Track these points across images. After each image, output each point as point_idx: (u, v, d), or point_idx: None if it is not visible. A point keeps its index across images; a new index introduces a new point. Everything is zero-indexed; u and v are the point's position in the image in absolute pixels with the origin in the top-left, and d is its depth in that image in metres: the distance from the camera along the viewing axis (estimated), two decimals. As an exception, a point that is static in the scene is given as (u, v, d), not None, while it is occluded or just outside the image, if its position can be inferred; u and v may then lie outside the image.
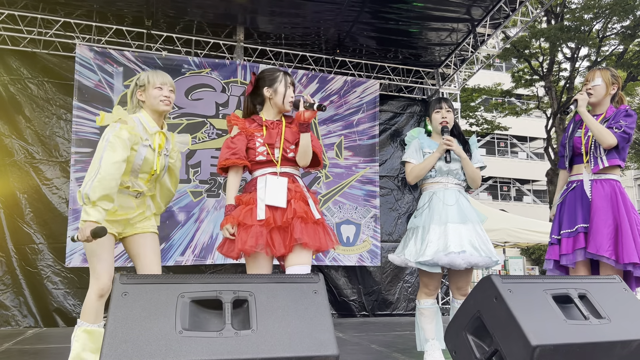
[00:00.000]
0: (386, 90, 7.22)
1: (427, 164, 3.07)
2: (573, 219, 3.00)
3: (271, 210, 2.53)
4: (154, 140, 2.65)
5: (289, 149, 2.68)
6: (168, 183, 2.82)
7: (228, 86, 6.15)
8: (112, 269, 2.53)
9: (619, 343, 1.89)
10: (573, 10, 14.42)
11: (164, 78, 2.71)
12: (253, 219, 2.50)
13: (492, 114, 19.49)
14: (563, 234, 3.01)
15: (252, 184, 2.65)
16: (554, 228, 3.12)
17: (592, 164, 3.00)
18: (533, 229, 10.17)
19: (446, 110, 3.16)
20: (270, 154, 2.64)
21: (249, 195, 2.60)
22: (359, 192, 6.54)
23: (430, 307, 3.04)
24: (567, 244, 2.98)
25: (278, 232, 2.53)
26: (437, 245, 2.88)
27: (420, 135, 3.28)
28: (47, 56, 5.80)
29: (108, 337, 1.47)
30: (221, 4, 5.78)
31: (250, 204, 2.56)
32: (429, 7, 5.80)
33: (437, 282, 3.06)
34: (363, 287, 6.61)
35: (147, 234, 2.69)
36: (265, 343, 1.57)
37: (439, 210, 2.99)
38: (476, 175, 3.10)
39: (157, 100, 2.65)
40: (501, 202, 27.21)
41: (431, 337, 3.01)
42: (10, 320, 5.25)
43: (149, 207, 2.74)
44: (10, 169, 5.49)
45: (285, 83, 2.74)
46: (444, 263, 2.85)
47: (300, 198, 2.60)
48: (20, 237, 5.43)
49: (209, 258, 5.78)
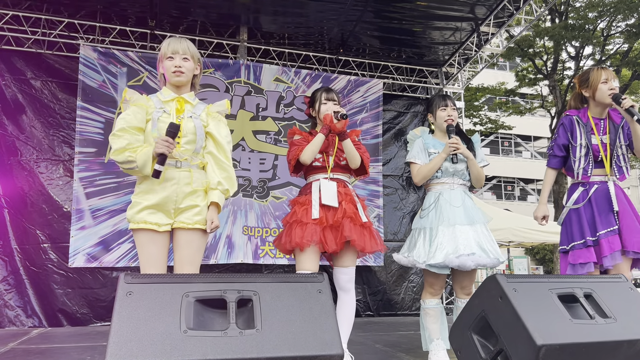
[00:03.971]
0: (390, 89, 7.21)
1: (434, 165, 3.05)
2: (607, 220, 2.91)
3: (324, 211, 2.84)
4: (170, 106, 2.51)
5: (342, 157, 3.00)
6: (216, 152, 2.55)
7: (231, 86, 6.15)
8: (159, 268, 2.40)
9: (625, 342, 1.88)
10: (577, 8, 14.37)
11: (176, 45, 2.50)
12: (308, 218, 2.81)
13: (496, 113, 19.45)
14: (601, 235, 2.88)
15: (307, 187, 2.98)
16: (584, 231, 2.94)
17: (617, 172, 2.98)
18: (537, 229, 10.12)
19: (452, 109, 3.13)
20: (324, 160, 2.97)
21: (305, 197, 2.92)
22: (362, 191, 6.53)
23: (435, 307, 3.05)
24: (607, 244, 2.86)
25: (330, 231, 2.82)
26: (448, 248, 2.89)
27: (424, 135, 3.24)
28: (52, 57, 5.81)
29: (113, 336, 1.47)
30: (224, 4, 5.78)
31: (306, 204, 2.87)
32: (432, 6, 5.79)
33: (442, 282, 3.08)
34: (368, 286, 6.61)
35: (186, 230, 2.45)
36: (269, 342, 1.57)
37: (446, 211, 2.99)
38: (481, 175, 3.13)
39: (169, 72, 2.49)
40: (505, 202, 27.15)
41: (436, 337, 3.01)
42: (14, 320, 5.27)
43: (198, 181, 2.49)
44: (15, 169, 5.51)
45: (320, 100, 3.03)
46: (455, 265, 2.87)
47: (350, 201, 2.91)
48: (24, 236, 5.44)
49: (212, 258, 5.78)
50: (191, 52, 2.52)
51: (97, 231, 5.43)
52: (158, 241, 2.42)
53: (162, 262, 2.43)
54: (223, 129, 2.60)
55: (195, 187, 2.47)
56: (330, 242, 2.79)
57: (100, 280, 5.55)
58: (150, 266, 2.40)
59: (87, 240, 5.40)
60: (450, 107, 3.13)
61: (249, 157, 6.14)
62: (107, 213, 5.49)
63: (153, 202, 2.41)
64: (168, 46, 2.49)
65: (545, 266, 23.59)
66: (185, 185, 2.45)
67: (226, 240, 5.86)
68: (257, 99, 6.28)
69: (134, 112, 2.43)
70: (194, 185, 2.47)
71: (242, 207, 6.00)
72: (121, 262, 5.48)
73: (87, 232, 5.41)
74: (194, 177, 2.47)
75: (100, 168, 5.54)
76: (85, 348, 4.03)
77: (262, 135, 6.24)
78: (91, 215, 5.45)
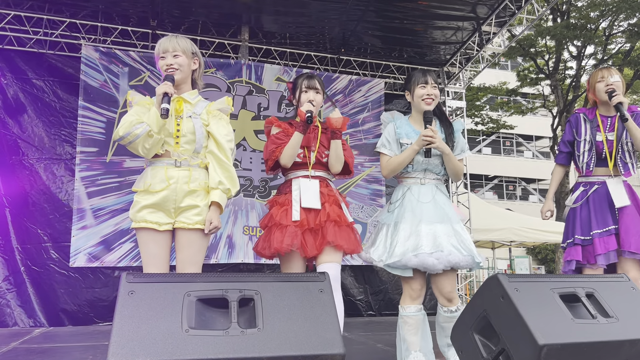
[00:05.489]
0: (391, 89, 7.21)
1: (404, 158, 2.69)
2: (603, 220, 2.96)
3: (305, 212, 2.61)
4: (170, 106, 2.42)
5: (324, 154, 2.73)
6: (217, 151, 2.49)
7: (233, 86, 6.15)
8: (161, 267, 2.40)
9: (627, 342, 1.87)
10: (579, 8, 14.33)
11: (165, 44, 2.44)
12: (288, 220, 2.58)
13: (497, 113, 19.41)
14: (594, 234, 2.94)
15: (287, 185, 2.74)
16: (575, 229, 3.03)
17: (622, 169, 2.99)
18: (539, 228, 10.11)
19: (432, 86, 2.70)
20: (305, 156, 2.70)
21: (284, 197, 2.69)
22: (365, 191, 6.54)
23: (415, 314, 2.63)
24: (601, 243, 2.91)
25: (310, 234, 2.59)
26: (408, 245, 2.57)
27: (398, 120, 2.82)
28: (53, 56, 5.82)
29: (115, 335, 1.47)
30: (226, 4, 5.78)
31: (286, 205, 2.64)
32: (433, 5, 5.78)
33: (421, 281, 2.67)
34: (370, 286, 6.61)
35: (186, 231, 2.43)
36: (271, 342, 1.57)
37: (412, 207, 2.66)
38: (459, 169, 2.76)
39: (163, 72, 2.44)
40: (507, 202, 27.12)
41: (414, 349, 2.59)
42: (16, 320, 5.28)
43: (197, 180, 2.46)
44: (16, 168, 5.52)
45: (300, 88, 2.72)
46: (414, 264, 2.54)
47: (334, 202, 2.68)
48: (25, 236, 5.45)
49: (213, 257, 5.78)
50: (182, 48, 2.45)
51: (99, 231, 5.44)
52: (159, 240, 2.42)
53: (163, 261, 2.43)
54: (223, 127, 2.54)
55: (193, 187, 2.44)
56: (310, 247, 2.56)
57: (102, 280, 5.56)
58: (151, 265, 2.41)
59: (89, 239, 5.41)
60: (431, 84, 2.70)
61: (251, 157, 6.14)
62: (108, 213, 5.50)
63: (152, 202, 2.40)
64: (159, 46, 2.46)
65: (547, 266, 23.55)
66: (184, 184, 2.43)
67: (227, 240, 5.87)
68: (259, 99, 6.28)
69: (137, 112, 2.42)
70: (193, 185, 2.44)
71: (243, 207, 6.01)
72: (122, 261, 5.48)
73: (88, 231, 5.42)
74: (192, 177, 2.45)
75: (101, 167, 5.55)
76: (87, 347, 4.03)
77: (263, 135, 6.24)
78: (93, 215, 5.45)
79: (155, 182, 2.41)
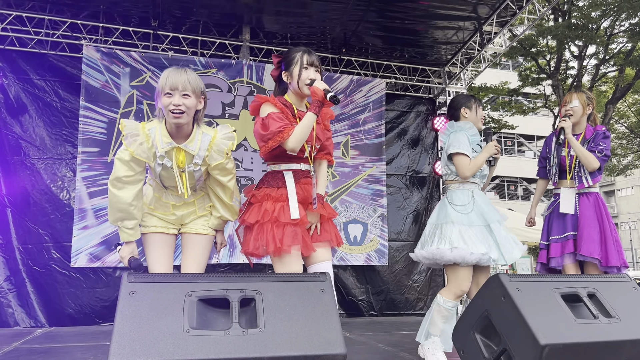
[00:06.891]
0: (392, 89, 7.20)
1: (480, 163, 3.01)
2: (562, 227, 3.39)
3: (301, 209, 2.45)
4: (172, 156, 2.31)
5: (316, 148, 2.59)
6: (222, 194, 2.48)
7: (234, 86, 6.15)
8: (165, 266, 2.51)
9: (629, 342, 1.87)
10: (581, 7, 14.31)
11: (175, 79, 2.20)
12: (286, 217, 2.37)
13: (498, 113, 19.40)
14: (552, 240, 3.42)
15: (278, 177, 2.50)
16: (543, 235, 3.52)
17: (577, 181, 3.38)
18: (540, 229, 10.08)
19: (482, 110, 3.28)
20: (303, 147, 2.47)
21: (279, 191, 2.45)
22: (366, 191, 6.53)
23: (452, 308, 2.92)
24: (556, 248, 3.37)
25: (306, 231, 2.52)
26: (506, 245, 2.92)
27: (469, 129, 3.13)
28: (55, 57, 5.83)
29: (116, 335, 1.47)
30: (227, 4, 5.78)
31: (282, 200, 2.42)
32: (435, 5, 5.78)
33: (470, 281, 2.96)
34: (371, 286, 6.60)
35: (192, 235, 2.53)
36: (272, 342, 1.57)
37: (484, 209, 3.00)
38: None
39: (167, 110, 2.22)
40: (508, 202, 27.11)
41: (434, 334, 2.91)
42: (17, 320, 5.28)
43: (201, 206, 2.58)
44: (18, 168, 5.52)
45: (300, 64, 2.45)
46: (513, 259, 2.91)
47: (320, 198, 2.58)
48: (27, 235, 5.45)
49: (214, 257, 5.78)
50: (192, 87, 2.23)
51: (100, 231, 5.44)
52: (168, 241, 2.54)
53: (170, 261, 2.53)
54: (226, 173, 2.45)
55: (200, 213, 2.59)
56: (308, 245, 2.47)
57: (103, 280, 5.56)
58: (157, 264, 2.48)
59: (90, 239, 5.41)
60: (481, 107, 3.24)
61: (252, 157, 6.14)
62: (110, 213, 5.50)
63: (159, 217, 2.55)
64: (166, 80, 2.21)
65: (548, 266, 23.51)
66: (191, 214, 2.58)
67: (228, 240, 5.85)
68: (260, 99, 6.28)
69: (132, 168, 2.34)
70: (199, 212, 2.59)
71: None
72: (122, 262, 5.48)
73: (89, 231, 5.42)
74: (198, 207, 2.58)
75: (103, 167, 5.55)
76: (88, 347, 4.03)
77: (264, 135, 6.24)
78: (94, 215, 5.46)
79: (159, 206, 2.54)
